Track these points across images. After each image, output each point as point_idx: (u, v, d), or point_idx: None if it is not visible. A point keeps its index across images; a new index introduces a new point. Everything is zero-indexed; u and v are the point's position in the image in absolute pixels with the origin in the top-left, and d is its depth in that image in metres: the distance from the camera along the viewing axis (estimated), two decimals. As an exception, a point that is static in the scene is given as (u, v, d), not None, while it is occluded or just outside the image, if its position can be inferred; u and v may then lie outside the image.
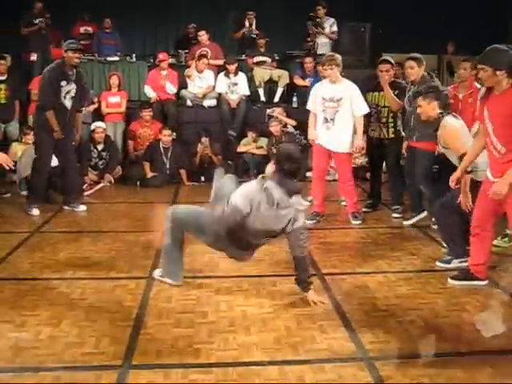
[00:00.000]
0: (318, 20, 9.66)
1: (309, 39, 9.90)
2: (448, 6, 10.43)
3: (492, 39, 3.99)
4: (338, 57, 5.74)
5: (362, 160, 7.98)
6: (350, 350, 3.16)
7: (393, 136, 6.02)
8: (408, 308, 3.72)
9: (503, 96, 3.62)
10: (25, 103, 8.42)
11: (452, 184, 4.18)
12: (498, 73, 3.57)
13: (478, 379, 2.85)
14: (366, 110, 5.79)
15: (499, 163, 3.70)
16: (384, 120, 6.06)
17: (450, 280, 4.13)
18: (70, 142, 6.35)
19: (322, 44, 9.79)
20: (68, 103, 6.15)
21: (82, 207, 6.42)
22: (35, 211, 6.14)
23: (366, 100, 6.10)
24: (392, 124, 6.01)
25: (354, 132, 5.81)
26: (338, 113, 5.65)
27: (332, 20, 9.81)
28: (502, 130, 3.63)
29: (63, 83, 6.05)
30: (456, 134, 4.55)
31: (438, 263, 4.54)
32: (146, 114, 8.25)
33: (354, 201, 5.92)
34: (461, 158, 4.30)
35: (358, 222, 5.84)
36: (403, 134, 5.86)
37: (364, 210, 6.26)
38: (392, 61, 6.00)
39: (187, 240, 5.23)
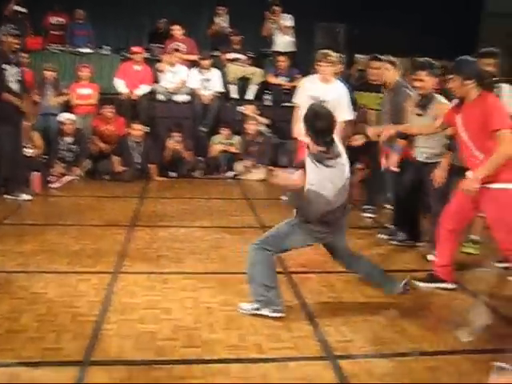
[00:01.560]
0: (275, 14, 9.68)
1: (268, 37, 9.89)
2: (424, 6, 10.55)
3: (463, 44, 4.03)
4: (335, 55, 5.46)
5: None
6: (316, 348, 3.15)
7: None
8: (374, 308, 3.72)
9: (473, 105, 3.71)
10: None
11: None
12: (466, 82, 3.71)
13: (442, 379, 2.87)
14: (350, 116, 5.56)
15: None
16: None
17: (416, 282, 4.13)
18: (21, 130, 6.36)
19: (286, 43, 9.71)
20: (15, 86, 6.13)
21: (26, 196, 6.33)
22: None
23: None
24: None
25: None
26: None
27: (289, 16, 9.73)
28: (476, 136, 3.71)
29: (7, 66, 6.05)
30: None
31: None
32: (107, 111, 8.09)
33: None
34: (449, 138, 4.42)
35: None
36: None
37: None
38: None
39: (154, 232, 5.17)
